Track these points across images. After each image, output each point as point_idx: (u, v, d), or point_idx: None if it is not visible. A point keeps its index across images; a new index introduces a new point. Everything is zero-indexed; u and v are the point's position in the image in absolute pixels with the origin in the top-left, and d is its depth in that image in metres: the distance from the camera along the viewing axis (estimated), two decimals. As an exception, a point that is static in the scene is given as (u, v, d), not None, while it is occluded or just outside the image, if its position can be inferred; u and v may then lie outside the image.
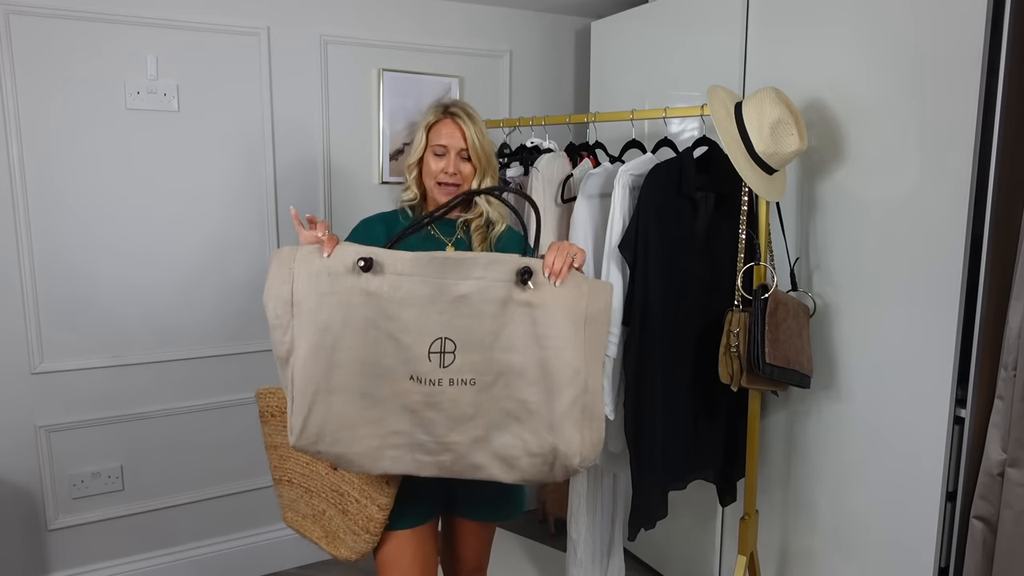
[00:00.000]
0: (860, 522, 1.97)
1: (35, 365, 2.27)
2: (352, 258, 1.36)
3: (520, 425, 1.39)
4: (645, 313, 1.92)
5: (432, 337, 1.37)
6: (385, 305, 1.36)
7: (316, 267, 1.38)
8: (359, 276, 1.36)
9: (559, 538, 2.91)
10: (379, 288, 1.36)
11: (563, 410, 1.37)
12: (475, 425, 1.40)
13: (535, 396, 1.38)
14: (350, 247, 1.39)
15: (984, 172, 1.66)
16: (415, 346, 1.37)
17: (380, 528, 1.58)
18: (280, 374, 1.44)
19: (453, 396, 1.38)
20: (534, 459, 1.40)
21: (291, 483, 1.75)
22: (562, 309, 1.38)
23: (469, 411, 1.39)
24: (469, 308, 1.37)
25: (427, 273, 1.37)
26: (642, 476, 1.97)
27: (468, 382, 1.38)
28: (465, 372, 1.37)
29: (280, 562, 2.72)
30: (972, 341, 1.72)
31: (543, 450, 1.39)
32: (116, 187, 2.31)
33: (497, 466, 1.42)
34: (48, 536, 2.36)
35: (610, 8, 2.91)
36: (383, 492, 1.57)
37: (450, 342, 1.37)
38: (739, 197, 1.90)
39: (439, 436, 1.40)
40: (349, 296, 1.36)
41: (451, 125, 1.66)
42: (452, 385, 1.38)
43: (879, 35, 1.83)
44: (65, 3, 2.17)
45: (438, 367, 1.37)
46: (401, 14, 2.71)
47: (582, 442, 1.39)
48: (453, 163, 1.64)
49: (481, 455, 1.42)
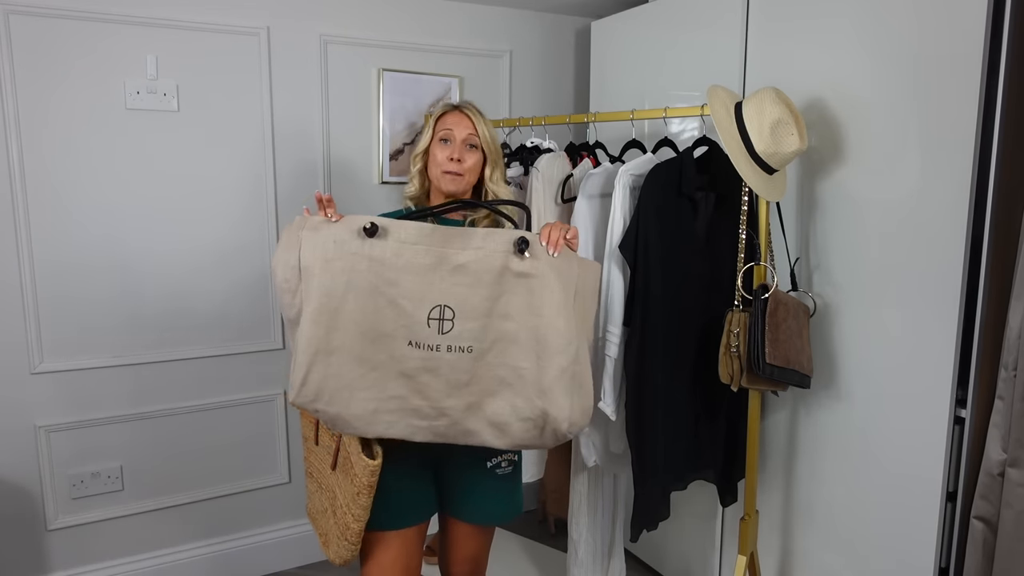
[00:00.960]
0: (860, 522, 1.97)
1: (35, 365, 2.27)
2: (359, 224, 1.41)
3: (511, 391, 1.44)
4: (646, 313, 1.92)
5: (432, 304, 1.42)
6: (387, 271, 1.41)
7: (324, 234, 1.43)
8: (364, 241, 1.41)
9: (559, 538, 2.91)
10: (382, 254, 1.41)
11: (554, 376, 1.42)
12: (470, 391, 1.45)
13: (527, 363, 1.43)
14: (357, 216, 1.44)
15: (984, 173, 1.66)
16: (415, 312, 1.41)
17: (356, 538, 1.58)
18: (289, 336, 1.49)
19: (451, 362, 1.43)
20: (525, 423, 1.45)
21: (311, 476, 1.79)
22: (557, 279, 1.43)
23: (464, 377, 1.44)
24: (468, 277, 1.42)
25: (430, 242, 1.42)
26: (644, 476, 1.97)
27: (465, 349, 1.43)
28: (463, 339, 1.42)
29: (280, 562, 2.72)
30: (972, 341, 1.72)
31: (534, 415, 1.44)
32: (115, 187, 2.31)
33: (489, 432, 1.47)
34: (48, 536, 2.36)
35: (610, 8, 2.91)
36: (357, 503, 1.56)
37: (449, 309, 1.42)
38: (739, 197, 1.90)
39: (435, 401, 1.45)
40: (353, 261, 1.40)
41: (459, 115, 1.69)
42: (450, 352, 1.42)
43: (879, 35, 1.83)
44: (65, 3, 2.17)
45: (436, 333, 1.42)
46: (401, 14, 2.71)
47: (571, 408, 1.43)
48: (459, 149, 1.66)
49: (474, 421, 1.46)
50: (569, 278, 1.47)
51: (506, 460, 1.73)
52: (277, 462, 2.69)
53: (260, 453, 2.66)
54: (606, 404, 1.99)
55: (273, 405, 2.65)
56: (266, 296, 2.58)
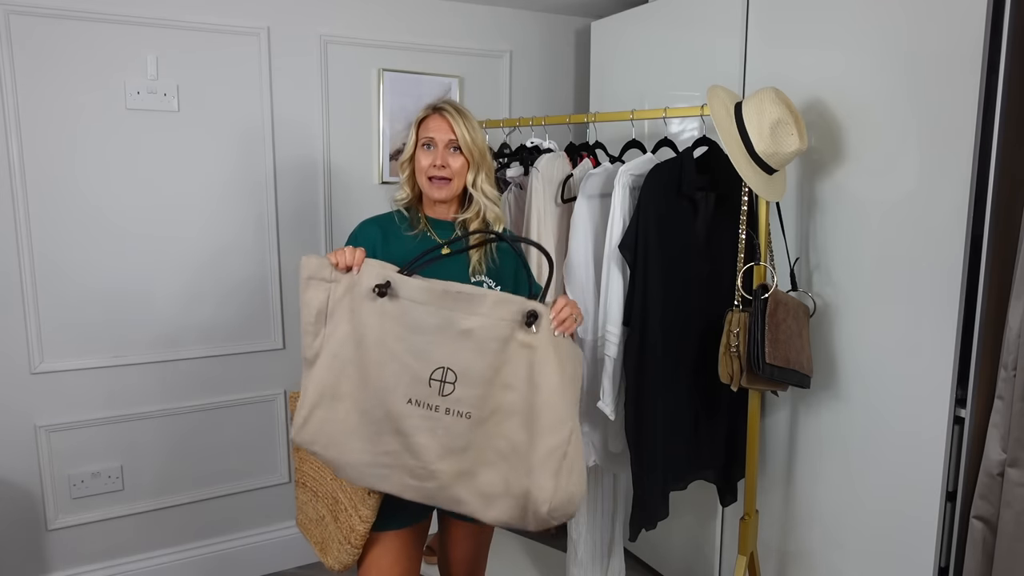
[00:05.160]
0: (860, 522, 1.97)
1: (35, 365, 2.27)
2: (373, 281, 1.44)
3: (507, 464, 1.43)
4: (645, 313, 1.92)
5: (435, 365, 1.42)
6: (396, 327, 1.43)
7: (346, 283, 1.47)
8: (376, 299, 1.44)
9: (559, 538, 2.91)
10: (392, 311, 1.43)
11: (543, 455, 1.40)
12: (465, 458, 1.44)
13: (523, 437, 1.41)
14: (372, 268, 1.46)
15: (984, 172, 1.66)
16: (418, 370, 1.42)
17: (361, 540, 1.60)
18: (304, 374, 1.51)
19: (447, 425, 1.42)
20: (509, 500, 1.43)
21: (304, 486, 1.78)
22: (559, 358, 1.43)
23: (460, 443, 1.43)
24: (473, 343, 1.42)
25: (439, 304, 1.43)
26: (643, 476, 1.97)
27: (464, 415, 1.42)
28: (462, 404, 1.42)
29: (280, 562, 2.72)
30: (972, 341, 1.72)
31: (520, 492, 1.41)
32: (116, 187, 2.31)
33: (477, 502, 1.45)
34: (48, 536, 2.36)
35: (610, 8, 2.91)
36: (365, 504, 1.58)
37: (452, 372, 1.42)
38: (739, 197, 1.90)
39: (426, 462, 1.44)
40: (368, 314, 1.44)
41: (439, 119, 1.65)
42: (448, 415, 1.42)
43: (879, 35, 1.83)
44: (65, 3, 2.17)
45: (437, 394, 1.42)
46: (401, 14, 2.71)
47: (555, 491, 1.40)
48: (441, 156, 1.63)
49: (463, 489, 1.45)
50: (570, 360, 1.46)
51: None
52: (277, 462, 2.69)
53: (260, 453, 2.66)
54: (605, 404, 1.99)
55: (273, 405, 2.65)
56: (266, 296, 2.58)
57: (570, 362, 1.46)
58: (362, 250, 1.50)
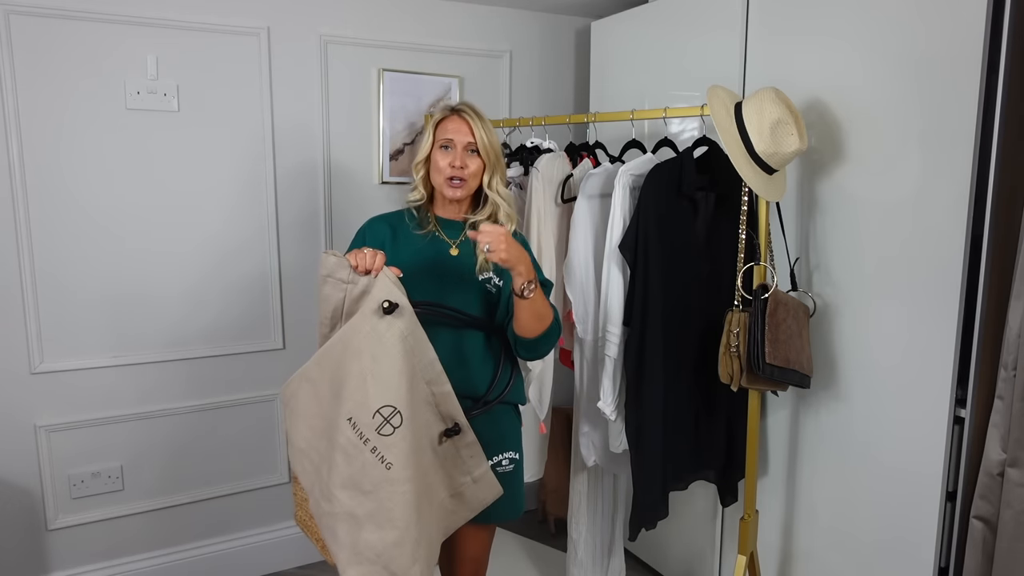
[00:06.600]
0: (860, 522, 1.97)
1: (35, 365, 2.27)
2: (384, 295, 1.44)
3: (397, 533, 1.42)
4: (645, 313, 1.92)
5: (389, 403, 1.41)
6: (376, 347, 1.42)
7: (363, 286, 1.49)
8: (381, 316, 1.43)
9: (559, 538, 2.91)
10: (383, 331, 1.44)
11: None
12: (361, 503, 1.41)
13: (420, 524, 1.46)
14: (387, 281, 1.46)
15: (984, 172, 1.66)
16: (372, 396, 1.41)
17: None
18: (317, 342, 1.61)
19: (365, 462, 1.41)
20: (373, 569, 1.43)
21: (301, 483, 1.76)
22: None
23: (367, 486, 1.41)
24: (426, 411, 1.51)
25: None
26: (643, 476, 1.97)
27: (385, 463, 1.40)
28: (391, 453, 1.40)
29: (280, 562, 2.72)
30: (972, 341, 1.72)
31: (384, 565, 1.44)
32: (116, 187, 2.31)
33: (345, 553, 1.45)
34: (48, 536, 2.36)
35: (610, 8, 2.91)
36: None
37: (400, 417, 1.40)
38: (739, 197, 1.90)
39: (329, 483, 1.46)
40: (362, 320, 1.45)
41: (458, 121, 1.67)
42: (373, 453, 1.41)
43: (879, 35, 1.83)
44: (65, 3, 2.17)
45: (374, 430, 1.40)
46: (401, 14, 2.71)
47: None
48: (460, 156, 1.65)
49: (344, 530, 1.44)
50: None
51: (507, 458, 1.73)
52: (277, 462, 2.69)
53: (260, 453, 2.66)
54: (605, 404, 1.99)
55: (273, 405, 2.65)
56: (266, 296, 2.58)
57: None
58: (382, 255, 1.49)
